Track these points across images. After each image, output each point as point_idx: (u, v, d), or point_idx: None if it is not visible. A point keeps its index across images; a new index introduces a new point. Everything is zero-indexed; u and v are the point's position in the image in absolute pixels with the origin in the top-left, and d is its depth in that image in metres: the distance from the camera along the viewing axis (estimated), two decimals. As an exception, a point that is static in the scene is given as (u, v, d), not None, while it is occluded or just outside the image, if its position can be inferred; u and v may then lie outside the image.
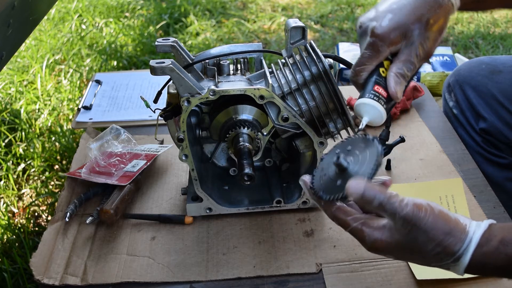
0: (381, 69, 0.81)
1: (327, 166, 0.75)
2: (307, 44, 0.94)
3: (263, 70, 0.96)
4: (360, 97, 0.79)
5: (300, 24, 0.96)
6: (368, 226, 0.68)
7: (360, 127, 0.75)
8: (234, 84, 0.93)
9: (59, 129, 1.91)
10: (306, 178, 0.75)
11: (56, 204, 1.11)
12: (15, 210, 1.60)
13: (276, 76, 0.93)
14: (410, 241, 0.65)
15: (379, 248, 0.68)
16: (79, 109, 1.48)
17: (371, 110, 0.77)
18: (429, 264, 0.69)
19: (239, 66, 1.02)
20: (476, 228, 0.65)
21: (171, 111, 0.98)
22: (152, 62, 0.88)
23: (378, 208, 0.66)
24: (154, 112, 1.01)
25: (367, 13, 0.84)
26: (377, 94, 0.77)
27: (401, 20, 0.79)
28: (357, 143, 0.74)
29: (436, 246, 0.65)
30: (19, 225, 1.54)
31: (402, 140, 1.15)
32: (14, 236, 1.46)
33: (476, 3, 0.91)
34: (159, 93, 1.00)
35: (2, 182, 1.68)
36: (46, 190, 1.67)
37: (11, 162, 1.75)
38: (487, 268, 0.66)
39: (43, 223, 1.57)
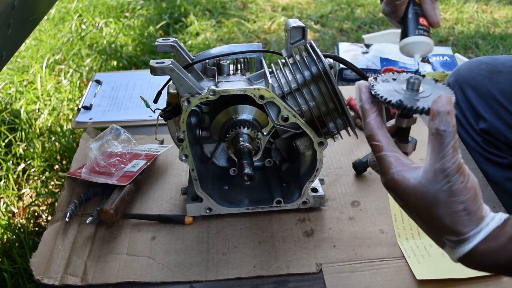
0: None
1: (395, 84, 0.68)
2: (307, 44, 0.94)
3: (263, 70, 0.96)
4: (406, 34, 0.73)
5: (300, 24, 0.96)
6: (399, 160, 0.64)
7: (415, 65, 0.70)
8: (234, 84, 0.93)
9: (59, 129, 1.91)
10: (364, 83, 0.68)
11: (56, 204, 1.11)
12: (15, 210, 1.60)
13: (276, 76, 0.93)
14: (430, 192, 0.61)
15: (401, 183, 0.63)
16: (79, 109, 1.48)
17: (423, 46, 0.73)
18: (430, 232, 0.65)
19: (239, 66, 1.02)
20: (491, 220, 0.61)
21: (171, 111, 0.98)
22: (152, 62, 0.88)
23: (440, 133, 0.61)
24: (154, 112, 1.01)
25: None
26: (423, 27, 0.73)
27: None
28: (423, 82, 0.68)
29: (448, 216, 0.61)
30: (19, 225, 1.54)
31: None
32: (14, 236, 1.46)
33: None
34: (159, 93, 1.00)
35: (2, 182, 1.68)
36: (46, 190, 1.67)
37: (11, 162, 1.75)
38: (488, 264, 0.62)
39: (43, 223, 1.57)
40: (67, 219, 1.02)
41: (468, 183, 0.61)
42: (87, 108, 1.48)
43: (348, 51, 1.89)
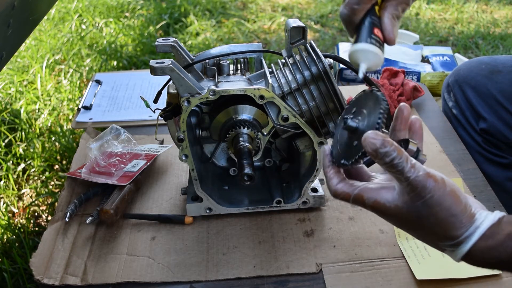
0: (376, 7, 0.73)
1: (340, 137, 0.73)
2: (307, 44, 0.94)
3: (263, 70, 0.96)
4: (357, 41, 0.72)
5: (300, 24, 0.96)
6: (367, 189, 0.66)
7: (360, 75, 0.70)
8: (234, 84, 0.93)
9: (59, 129, 1.90)
10: (326, 148, 0.73)
11: (56, 204, 1.11)
12: (15, 210, 1.60)
13: (276, 76, 0.93)
14: (411, 211, 0.62)
15: (380, 209, 0.65)
16: (79, 109, 1.48)
17: (371, 56, 0.71)
18: (426, 242, 0.66)
19: (239, 66, 1.02)
20: (485, 218, 0.62)
21: (171, 111, 0.98)
22: (152, 62, 0.88)
23: (388, 165, 0.61)
24: (154, 112, 1.01)
25: None
26: (376, 38, 0.71)
27: None
28: (359, 102, 0.71)
29: (436, 225, 0.62)
30: (19, 225, 1.54)
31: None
32: (14, 236, 1.46)
33: None
34: (159, 93, 1.00)
35: (2, 182, 1.67)
36: (46, 190, 1.67)
37: (11, 162, 1.75)
38: (489, 261, 0.63)
39: (43, 223, 1.57)
40: (67, 219, 1.02)
41: (444, 188, 0.62)
42: (87, 108, 1.48)
43: (348, 51, 1.89)
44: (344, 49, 1.91)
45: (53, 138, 1.87)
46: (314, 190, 1.04)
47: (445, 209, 0.61)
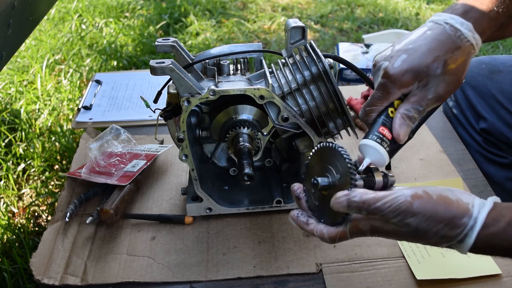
0: (390, 110, 0.78)
1: (312, 193, 0.76)
2: (307, 44, 0.94)
3: (263, 70, 0.96)
4: (365, 137, 0.77)
5: (300, 24, 0.96)
6: (359, 221, 0.69)
7: (360, 168, 0.74)
8: (234, 84, 0.93)
9: (59, 129, 1.90)
10: (294, 212, 0.76)
11: (56, 204, 1.11)
12: (15, 210, 1.60)
13: (276, 76, 0.93)
14: (410, 231, 0.65)
15: (380, 231, 0.68)
16: (79, 109, 1.48)
17: (373, 152, 0.75)
18: (434, 245, 0.68)
19: (239, 66, 1.02)
20: (480, 207, 0.64)
21: (171, 111, 0.98)
22: (152, 62, 0.88)
23: (370, 213, 0.66)
24: (154, 112, 1.01)
25: (383, 51, 0.81)
26: (381, 136, 0.75)
27: (415, 62, 0.75)
28: (322, 156, 0.74)
29: (437, 232, 0.64)
30: (19, 225, 1.54)
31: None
32: (14, 236, 1.46)
33: (500, 30, 0.84)
34: (159, 93, 1.00)
35: (2, 182, 1.67)
36: (46, 190, 1.67)
37: (11, 162, 1.75)
38: (494, 249, 0.65)
39: (43, 223, 1.57)
40: (67, 219, 1.02)
41: (432, 199, 0.64)
42: (87, 108, 1.48)
43: (348, 51, 1.89)
44: (344, 49, 1.91)
45: (53, 138, 1.87)
46: (314, 190, 1.04)
47: (440, 215, 0.63)
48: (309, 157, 0.77)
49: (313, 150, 0.76)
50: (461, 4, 0.79)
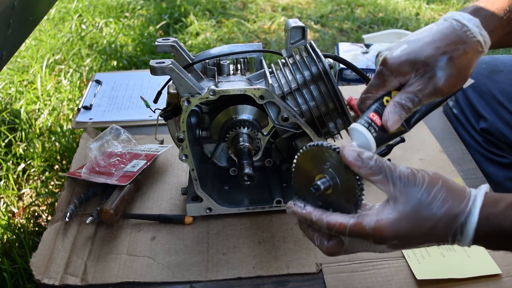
0: (385, 98, 0.77)
1: (312, 197, 0.74)
2: (307, 44, 0.94)
3: (263, 70, 0.96)
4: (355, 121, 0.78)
5: (300, 24, 0.96)
6: (364, 216, 0.66)
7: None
8: (234, 84, 0.93)
9: (59, 129, 1.90)
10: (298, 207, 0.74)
11: (56, 204, 1.11)
12: (15, 210, 1.60)
13: (276, 76, 0.93)
14: (414, 206, 0.63)
15: (384, 230, 0.64)
16: (79, 109, 1.48)
17: (359, 136, 0.74)
18: (435, 242, 0.66)
19: (239, 66, 1.02)
20: (477, 191, 0.64)
21: (171, 111, 0.98)
22: (152, 62, 0.88)
23: (373, 169, 0.65)
24: (154, 112, 1.01)
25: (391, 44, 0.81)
26: (369, 121, 0.75)
27: (414, 52, 0.74)
28: (315, 157, 0.73)
29: (442, 204, 0.63)
30: (19, 225, 1.53)
31: (402, 140, 1.15)
32: (14, 236, 1.46)
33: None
34: (159, 93, 1.00)
35: (2, 182, 1.67)
36: (46, 190, 1.67)
37: (11, 162, 1.75)
38: (496, 233, 0.63)
39: (43, 223, 1.57)
40: (67, 219, 1.02)
41: (427, 174, 0.65)
42: (87, 108, 1.48)
43: (348, 51, 1.89)
44: (344, 49, 1.91)
45: (53, 138, 1.87)
46: (314, 190, 1.04)
47: (442, 187, 0.63)
48: (293, 169, 0.75)
49: (294, 163, 0.75)
50: (473, 5, 0.79)
